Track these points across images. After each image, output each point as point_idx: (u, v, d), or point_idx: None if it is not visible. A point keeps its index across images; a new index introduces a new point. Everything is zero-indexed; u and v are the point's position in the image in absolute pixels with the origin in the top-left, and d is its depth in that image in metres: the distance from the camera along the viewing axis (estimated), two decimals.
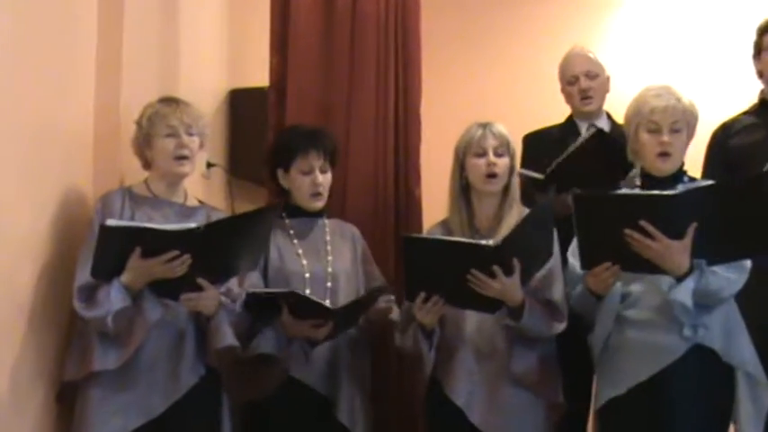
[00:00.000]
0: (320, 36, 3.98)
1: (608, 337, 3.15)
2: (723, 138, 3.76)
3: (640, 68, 5.13)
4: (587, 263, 3.02)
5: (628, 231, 2.88)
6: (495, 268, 3.03)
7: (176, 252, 3.01)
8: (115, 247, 3.03)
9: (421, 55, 4.03)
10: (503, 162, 3.35)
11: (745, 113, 3.79)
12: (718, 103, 4.20)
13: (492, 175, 3.32)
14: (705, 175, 3.66)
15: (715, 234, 2.89)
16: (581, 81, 4.01)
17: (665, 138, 3.13)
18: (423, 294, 3.11)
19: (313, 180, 3.45)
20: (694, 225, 2.88)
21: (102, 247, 3.02)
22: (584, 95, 4.00)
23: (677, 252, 2.91)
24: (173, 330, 3.19)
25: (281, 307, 3.24)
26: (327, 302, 3.27)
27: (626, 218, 2.89)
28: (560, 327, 3.24)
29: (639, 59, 5.35)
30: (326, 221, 3.54)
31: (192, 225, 3.07)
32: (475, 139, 3.34)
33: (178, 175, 3.32)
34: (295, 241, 3.46)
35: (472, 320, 3.27)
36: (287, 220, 3.49)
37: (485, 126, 3.37)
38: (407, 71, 3.99)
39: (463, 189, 3.38)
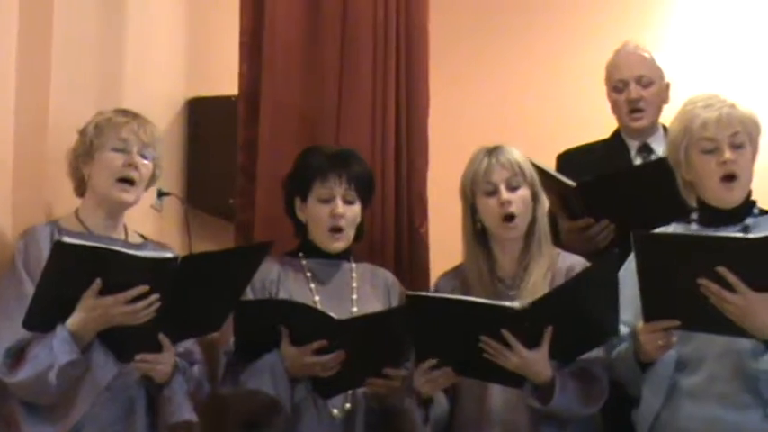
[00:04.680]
0: (303, 36, 3.87)
1: (658, 414, 2.99)
2: None
3: (699, 77, 4.91)
4: (651, 314, 2.88)
5: (703, 282, 2.75)
6: (511, 338, 2.92)
7: (145, 287, 2.87)
8: (67, 278, 2.88)
9: (429, 61, 3.90)
10: (520, 196, 3.24)
11: None
12: None
13: (509, 217, 3.22)
14: None
15: None
16: (631, 89, 3.83)
17: (728, 155, 2.99)
18: (432, 361, 3.03)
19: (333, 210, 3.33)
20: None
21: (50, 276, 2.87)
22: (634, 107, 3.83)
23: (765, 308, 2.76)
24: (121, 399, 3.07)
25: (278, 337, 3.13)
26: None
27: (700, 265, 2.77)
28: (600, 405, 3.12)
29: (697, 67, 5.15)
30: (354, 265, 3.44)
31: (168, 254, 3.00)
32: (481, 174, 3.26)
33: (117, 204, 3.20)
34: (312, 286, 3.37)
35: (497, 394, 3.16)
36: (303, 261, 3.40)
37: (491, 154, 3.28)
38: (411, 81, 3.87)
39: (478, 234, 3.29)
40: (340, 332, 3.08)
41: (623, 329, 3.01)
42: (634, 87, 3.81)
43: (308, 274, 3.37)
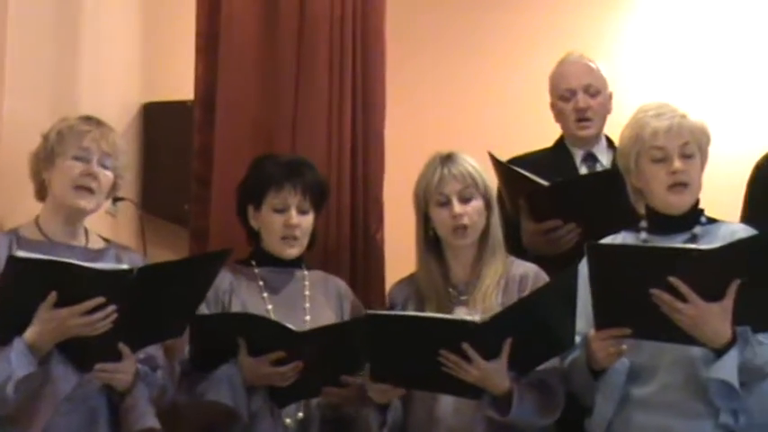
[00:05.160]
0: (259, 41, 3.85)
1: (611, 423, 2.99)
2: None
3: (648, 85, 4.97)
4: (603, 323, 2.89)
5: (655, 292, 2.76)
6: (471, 351, 2.91)
7: (101, 299, 2.84)
8: (23, 291, 2.85)
9: (385, 66, 3.88)
10: (473, 207, 3.23)
11: None
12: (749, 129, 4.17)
13: (461, 228, 3.22)
14: (747, 217, 3.48)
15: (759, 293, 2.77)
16: (579, 97, 3.82)
17: (677, 164, 3.00)
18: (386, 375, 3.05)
19: (287, 221, 3.33)
20: (737, 283, 2.74)
21: (5, 290, 2.84)
22: (582, 116, 3.81)
23: (716, 317, 2.77)
24: (83, 408, 3.03)
25: (235, 348, 3.13)
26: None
27: (652, 275, 2.78)
28: (556, 415, 3.12)
29: (648, 74, 5.18)
30: (306, 273, 3.44)
31: (124, 267, 2.94)
32: (434, 185, 3.25)
33: (75, 210, 3.16)
34: (265, 295, 3.36)
35: (447, 401, 3.15)
36: (256, 270, 3.40)
37: (444, 164, 3.27)
38: (368, 84, 3.85)
39: (431, 241, 3.29)
40: (298, 344, 3.08)
41: (576, 338, 3.01)
42: (582, 96, 3.80)
43: (261, 283, 3.36)
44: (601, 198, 3.38)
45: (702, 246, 2.81)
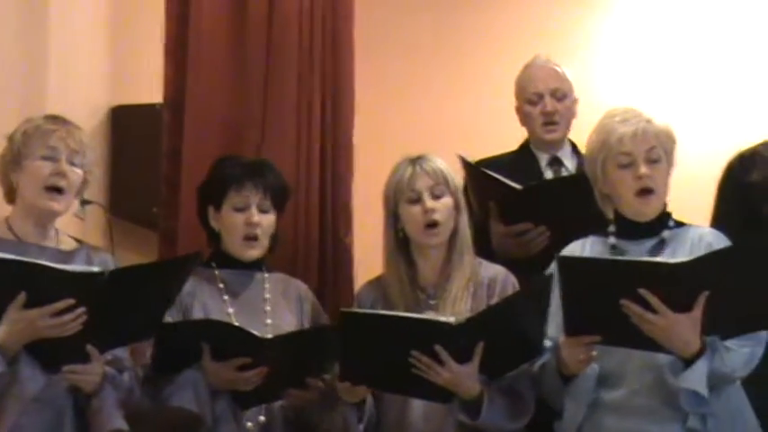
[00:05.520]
0: (228, 44, 3.84)
1: (580, 427, 2.98)
2: (742, 172, 3.52)
3: (621, 87, 5.02)
4: (572, 330, 2.89)
5: (625, 303, 2.77)
6: (444, 353, 2.92)
7: (71, 301, 2.83)
8: None
9: (354, 66, 3.89)
10: (443, 204, 3.22)
11: (766, 144, 3.60)
12: (718, 132, 4.18)
13: (432, 225, 3.20)
14: (717, 218, 3.48)
15: (731, 303, 2.79)
16: (546, 101, 3.82)
17: (643, 170, 2.99)
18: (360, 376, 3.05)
19: (248, 219, 3.31)
20: (705, 294, 2.76)
21: None
22: (549, 120, 3.81)
23: (685, 328, 2.79)
24: (50, 410, 3.00)
25: (199, 353, 3.12)
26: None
27: (622, 287, 2.80)
28: (525, 421, 3.13)
29: (621, 76, 5.22)
30: (266, 275, 3.42)
31: (95, 269, 2.92)
32: (404, 182, 3.24)
33: (46, 212, 3.13)
34: (226, 297, 3.35)
35: (418, 405, 3.15)
36: (217, 272, 3.38)
37: (415, 162, 3.26)
38: (337, 87, 3.85)
39: (401, 243, 3.27)
40: (263, 349, 3.08)
41: (546, 343, 3.02)
42: (549, 100, 3.80)
43: (221, 286, 3.36)
44: (570, 202, 3.37)
45: (672, 259, 2.82)
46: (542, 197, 3.52)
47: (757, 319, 2.85)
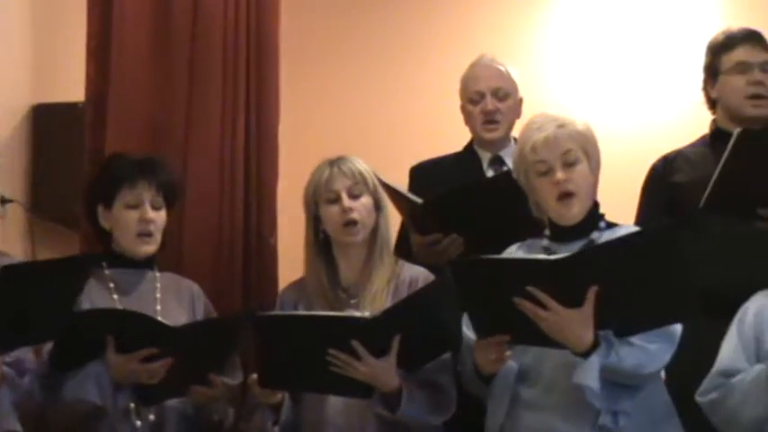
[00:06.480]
0: (152, 42, 3.83)
1: (503, 425, 3.01)
2: (664, 173, 3.62)
3: (567, 85, 5.02)
4: (481, 332, 2.92)
5: (517, 300, 2.79)
6: (360, 348, 2.93)
7: None
8: None
9: (279, 67, 3.90)
10: (362, 203, 3.25)
11: (691, 145, 3.67)
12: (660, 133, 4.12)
13: (350, 223, 3.22)
14: (641, 217, 3.57)
15: (623, 298, 2.80)
16: (487, 100, 3.82)
17: (560, 175, 3.00)
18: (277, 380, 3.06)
19: (142, 216, 3.30)
20: (594, 289, 2.77)
21: None
22: (489, 119, 3.81)
23: (575, 323, 2.80)
24: None
25: (102, 345, 3.07)
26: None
27: (514, 285, 2.82)
28: (448, 415, 3.14)
29: (567, 74, 5.19)
30: (158, 275, 3.40)
31: None
32: (323, 183, 3.28)
33: None
34: (115, 296, 3.32)
35: (337, 401, 3.16)
36: (107, 271, 3.34)
37: (333, 164, 3.30)
38: (262, 86, 3.85)
39: (321, 244, 3.30)
40: (171, 338, 3.06)
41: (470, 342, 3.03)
42: (490, 99, 3.80)
43: (111, 285, 3.34)
44: (485, 205, 3.41)
45: (553, 256, 2.85)
46: (448, 206, 3.52)
47: (661, 313, 2.86)
